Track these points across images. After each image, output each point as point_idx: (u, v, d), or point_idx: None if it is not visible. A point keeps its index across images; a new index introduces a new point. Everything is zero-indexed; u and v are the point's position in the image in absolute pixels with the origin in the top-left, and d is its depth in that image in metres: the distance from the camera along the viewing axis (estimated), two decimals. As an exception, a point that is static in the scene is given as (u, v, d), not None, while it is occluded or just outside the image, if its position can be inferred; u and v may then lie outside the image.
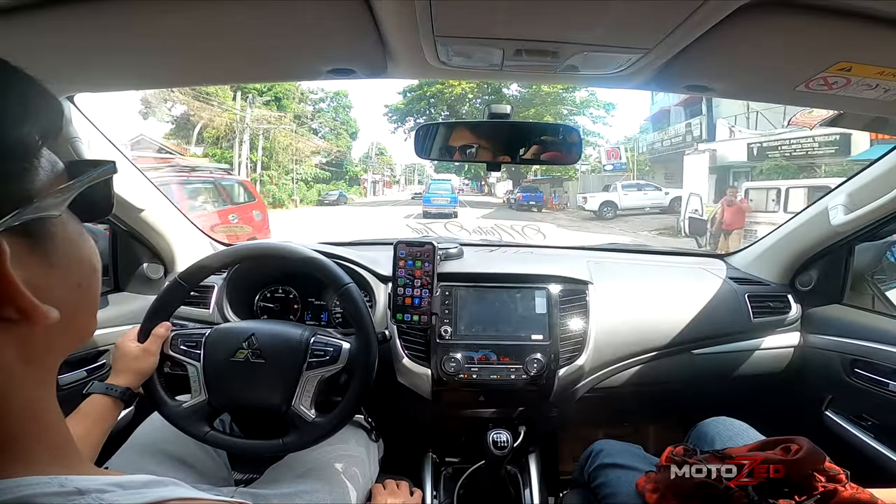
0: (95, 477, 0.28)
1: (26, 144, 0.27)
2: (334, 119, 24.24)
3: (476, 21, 0.56)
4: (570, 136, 0.86)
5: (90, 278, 0.33)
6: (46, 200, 0.28)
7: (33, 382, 0.28)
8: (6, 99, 0.27)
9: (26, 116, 0.28)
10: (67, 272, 0.30)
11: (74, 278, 0.31)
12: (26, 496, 0.24)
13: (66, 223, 0.30)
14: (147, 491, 0.27)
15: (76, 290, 0.31)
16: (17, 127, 0.27)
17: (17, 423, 0.27)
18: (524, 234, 1.48)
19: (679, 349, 1.17)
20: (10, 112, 0.27)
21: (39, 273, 0.28)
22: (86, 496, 0.25)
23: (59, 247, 0.29)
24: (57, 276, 0.29)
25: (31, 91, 0.29)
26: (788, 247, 1.24)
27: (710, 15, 0.51)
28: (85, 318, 0.33)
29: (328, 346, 0.82)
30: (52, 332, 0.28)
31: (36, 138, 0.28)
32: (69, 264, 0.30)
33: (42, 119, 0.29)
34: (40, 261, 0.28)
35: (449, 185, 15.42)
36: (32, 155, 0.28)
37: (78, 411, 0.69)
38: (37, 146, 0.28)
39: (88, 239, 0.33)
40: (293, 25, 0.59)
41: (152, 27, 0.58)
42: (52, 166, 0.30)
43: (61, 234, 0.29)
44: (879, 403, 1.01)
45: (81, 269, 0.32)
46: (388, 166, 38.82)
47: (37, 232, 0.28)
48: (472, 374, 1.01)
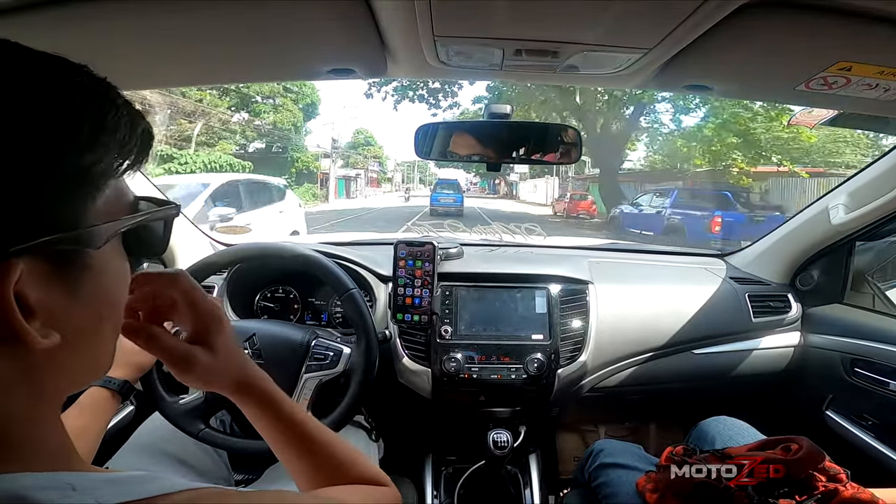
0: (90, 473, 0.27)
1: (89, 173, 0.26)
2: (281, 86, 16.89)
3: (476, 21, 0.56)
4: (570, 136, 0.86)
5: (112, 312, 0.31)
6: (90, 231, 0.26)
7: (32, 396, 0.27)
8: (75, 119, 0.25)
9: (98, 143, 0.26)
10: (90, 304, 0.28)
11: (96, 310, 0.29)
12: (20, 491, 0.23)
13: (107, 256, 0.29)
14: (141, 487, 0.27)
15: (95, 321, 0.29)
16: (83, 153, 0.25)
17: (13, 429, 0.26)
18: (524, 234, 1.48)
19: (679, 349, 1.17)
20: (81, 133, 0.25)
21: (59, 299, 0.26)
22: (80, 492, 0.25)
23: (89, 278, 0.28)
24: (77, 306, 0.27)
25: (116, 115, 0.27)
26: (789, 246, 1.24)
27: (710, 15, 0.51)
28: (98, 351, 0.31)
29: (328, 349, 0.82)
30: (54, 355, 0.26)
31: (108, 168, 0.27)
32: (94, 297, 0.28)
33: (121, 149, 0.27)
34: (64, 288, 0.26)
35: (456, 184, 16.21)
36: (95, 185, 0.26)
37: (76, 404, 0.69)
38: (106, 176, 0.27)
39: (126, 277, 0.32)
40: (293, 26, 0.60)
41: (152, 28, 0.58)
42: (118, 197, 0.28)
43: (97, 266, 0.28)
44: (880, 403, 1.01)
45: (106, 303, 0.30)
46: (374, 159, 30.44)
47: (70, 260, 0.26)
48: (473, 373, 1.01)
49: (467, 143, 0.86)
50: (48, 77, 0.25)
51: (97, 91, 0.27)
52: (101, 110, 0.26)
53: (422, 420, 1.24)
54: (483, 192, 33.64)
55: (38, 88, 0.25)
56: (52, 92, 0.25)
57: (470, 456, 1.18)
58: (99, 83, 0.27)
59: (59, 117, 0.25)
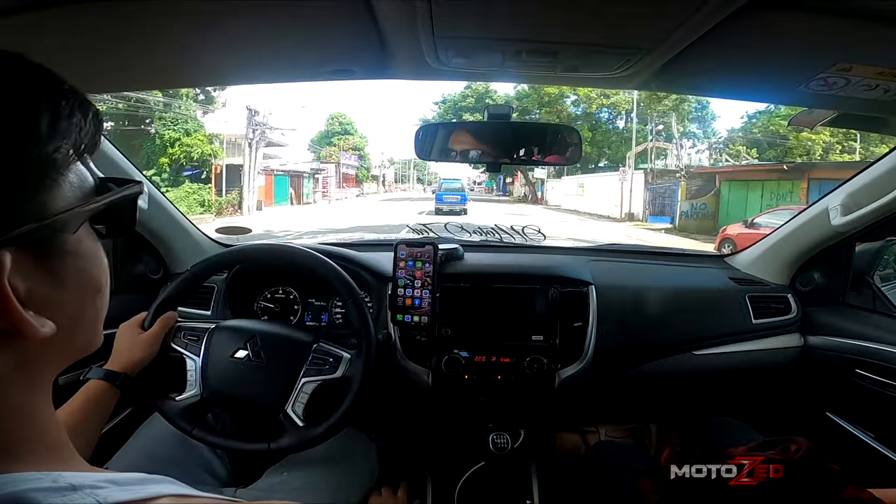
0: (89, 473, 0.28)
1: (54, 160, 0.26)
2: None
3: (476, 21, 0.57)
4: (571, 137, 0.86)
5: (96, 295, 0.32)
6: (65, 216, 0.27)
7: (25, 388, 0.28)
8: (33, 111, 0.26)
9: (58, 130, 0.27)
10: (74, 288, 0.29)
11: (80, 294, 0.30)
12: (19, 492, 0.24)
13: (82, 240, 0.30)
14: (141, 487, 0.27)
15: (81, 305, 0.30)
16: (45, 142, 0.26)
17: (8, 424, 0.26)
18: (524, 235, 1.48)
19: (679, 350, 1.17)
20: (40, 124, 0.26)
21: (44, 287, 0.27)
22: (79, 492, 0.25)
23: (70, 263, 0.29)
24: (62, 292, 0.28)
25: (68, 103, 0.28)
26: (789, 247, 1.24)
27: (710, 15, 0.51)
28: (87, 333, 0.33)
29: (329, 355, 0.82)
30: (49, 343, 0.27)
31: (68, 153, 0.27)
32: (77, 281, 0.30)
33: (78, 134, 0.28)
34: (48, 275, 0.27)
35: (460, 184, 16.97)
36: (59, 171, 0.27)
37: (76, 398, 0.69)
38: (67, 161, 0.28)
39: (102, 257, 0.33)
40: (293, 26, 0.60)
41: (152, 28, 0.58)
42: (81, 182, 0.29)
43: (73, 251, 0.29)
44: (880, 404, 1.00)
45: (89, 286, 0.31)
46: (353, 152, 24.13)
47: (48, 246, 0.27)
48: (473, 374, 1.01)
49: (468, 144, 0.86)
50: (3, 75, 0.26)
51: (48, 81, 0.28)
52: (54, 99, 0.27)
53: (422, 420, 1.23)
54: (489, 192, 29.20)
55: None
56: (8, 88, 0.26)
57: (470, 456, 1.18)
58: (46, 73, 0.28)
59: (19, 111, 0.25)
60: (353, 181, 23.28)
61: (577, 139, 0.86)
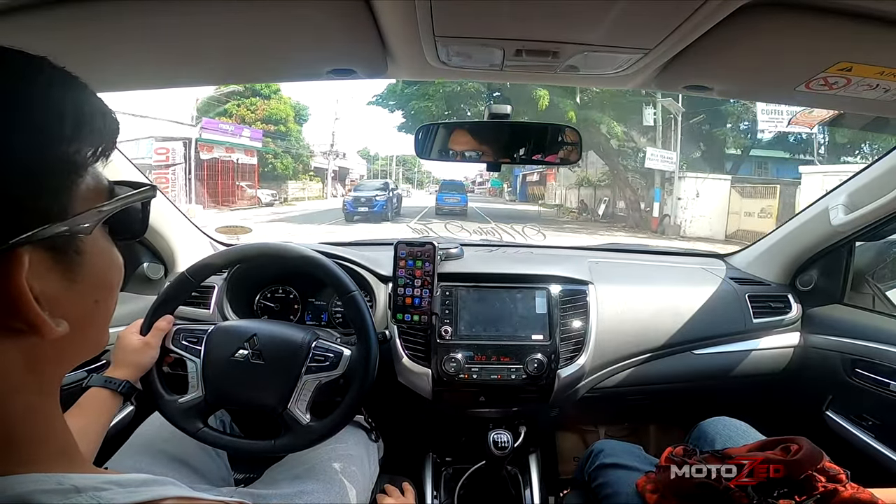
0: (93, 475, 0.28)
1: (73, 162, 0.27)
2: None
3: (476, 21, 0.57)
4: (571, 136, 0.86)
5: (108, 295, 0.32)
6: (81, 217, 0.27)
7: (36, 389, 0.28)
8: (59, 113, 0.26)
9: (79, 133, 0.27)
10: (87, 289, 0.30)
11: (92, 294, 0.31)
12: (24, 493, 0.24)
13: (96, 241, 0.30)
14: (144, 489, 0.27)
15: (92, 305, 0.31)
16: (67, 143, 0.26)
17: (18, 425, 0.27)
18: (524, 235, 1.48)
19: (679, 349, 1.17)
20: (64, 126, 0.26)
21: (58, 287, 0.27)
22: (83, 494, 0.25)
23: (84, 263, 0.29)
24: (75, 292, 0.29)
25: (88, 106, 0.28)
26: (789, 247, 1.24)
27: (710, 15, 0.51)
28: (97, 332, 0.33)
29: (329, 351, 0.82)
30: (60, 343, 0.27)
31: (87, 156, 0.28)
32: (90, 281, 0.30)
33: (96, 137, 0.28)
34: (62, 276, 0.28)
35: (460, 186, 17.30)
36: (79, 172, 0.28)
37: (77, 405, 0.69)
38: (85, 164, 0.28)
39: (116, 257, 0.33)
40: (293, 26, 0.60)
41: (151, 28, 0.58)
42: (96, 184, 0.29)
43: (89, 251, 0.29)
44: (880, 403, 1.01)
45: (101, 286, 0.31)
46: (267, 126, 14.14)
47: (64, 247, 0.27)
48: (473, 374, 1.01)
49: (468, 143, 0.86)
50: (31, 78, 0.27)
51: (72, 84, 0.29)
52: (78, 102, 0.28)
53: (422, 420, 1.23)
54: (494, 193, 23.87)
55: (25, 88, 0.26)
56: (36, 90, 0.26)
57: (470, 456, 1.18)
58: (70, 76, 0.29)
59: (45, 112, 0.26)
60: (255, 175, 13.71)
61: (577, 138, 0.86)
